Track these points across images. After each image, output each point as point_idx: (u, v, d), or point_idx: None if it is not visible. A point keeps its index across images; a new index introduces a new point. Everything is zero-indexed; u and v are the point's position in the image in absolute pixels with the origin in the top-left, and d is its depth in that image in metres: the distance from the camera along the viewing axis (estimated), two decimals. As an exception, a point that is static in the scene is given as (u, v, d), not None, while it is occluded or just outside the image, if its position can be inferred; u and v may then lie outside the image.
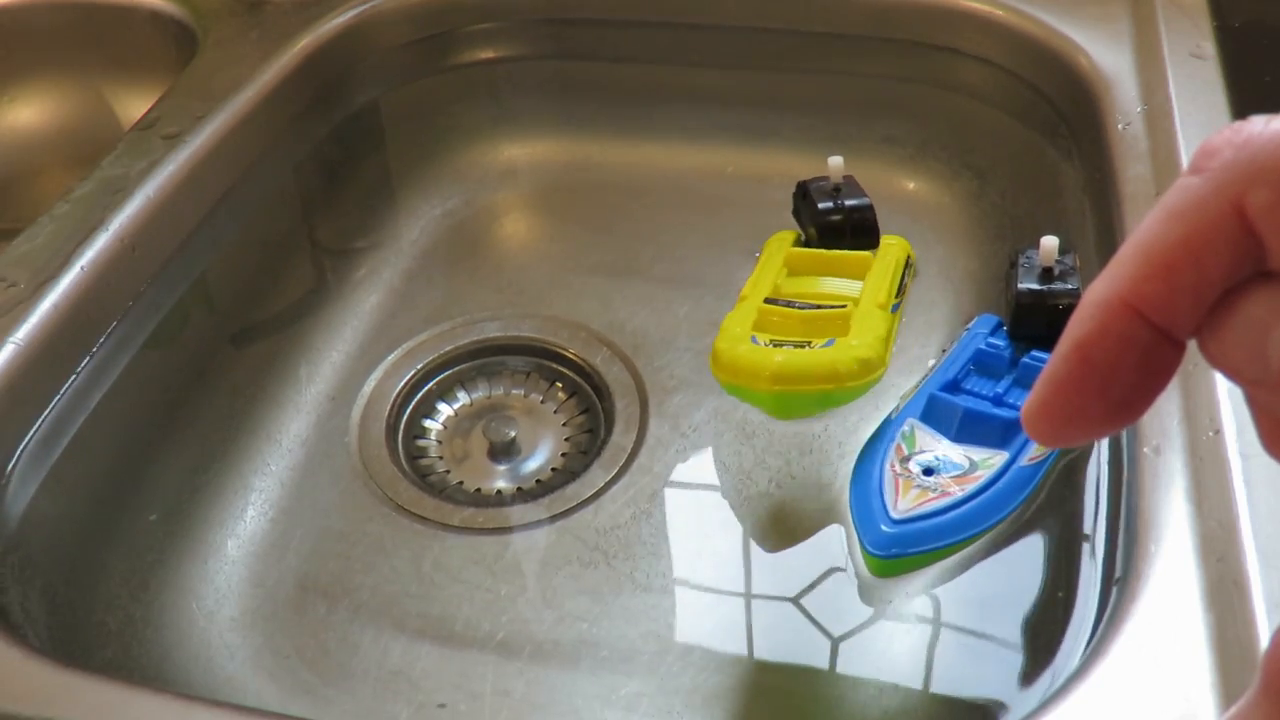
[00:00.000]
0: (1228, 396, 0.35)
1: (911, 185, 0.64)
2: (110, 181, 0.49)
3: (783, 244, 0.49)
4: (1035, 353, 0.41)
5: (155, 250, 0.49)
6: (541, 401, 0.56)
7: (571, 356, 0.57)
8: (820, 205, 0.48)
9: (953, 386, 0.42)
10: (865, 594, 0.45)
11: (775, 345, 0.40)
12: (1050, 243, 0.42)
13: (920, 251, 0.55)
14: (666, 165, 0.68)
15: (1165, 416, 0.35)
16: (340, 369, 0.57)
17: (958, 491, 0.38)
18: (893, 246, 0.48)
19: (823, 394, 0.40)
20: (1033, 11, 0.58)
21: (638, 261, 0.61)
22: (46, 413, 0.43)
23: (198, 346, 0.54)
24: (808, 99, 0.67)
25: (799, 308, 0.42)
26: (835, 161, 0.48)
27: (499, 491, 0.52)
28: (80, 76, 0.70)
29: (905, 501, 0.38)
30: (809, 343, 0.41)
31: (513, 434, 0.53)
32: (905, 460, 0.40)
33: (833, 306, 0.42)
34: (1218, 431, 0.34)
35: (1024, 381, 0.42)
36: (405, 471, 0.52)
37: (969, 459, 0.38)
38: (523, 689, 0.43)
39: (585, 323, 0.58)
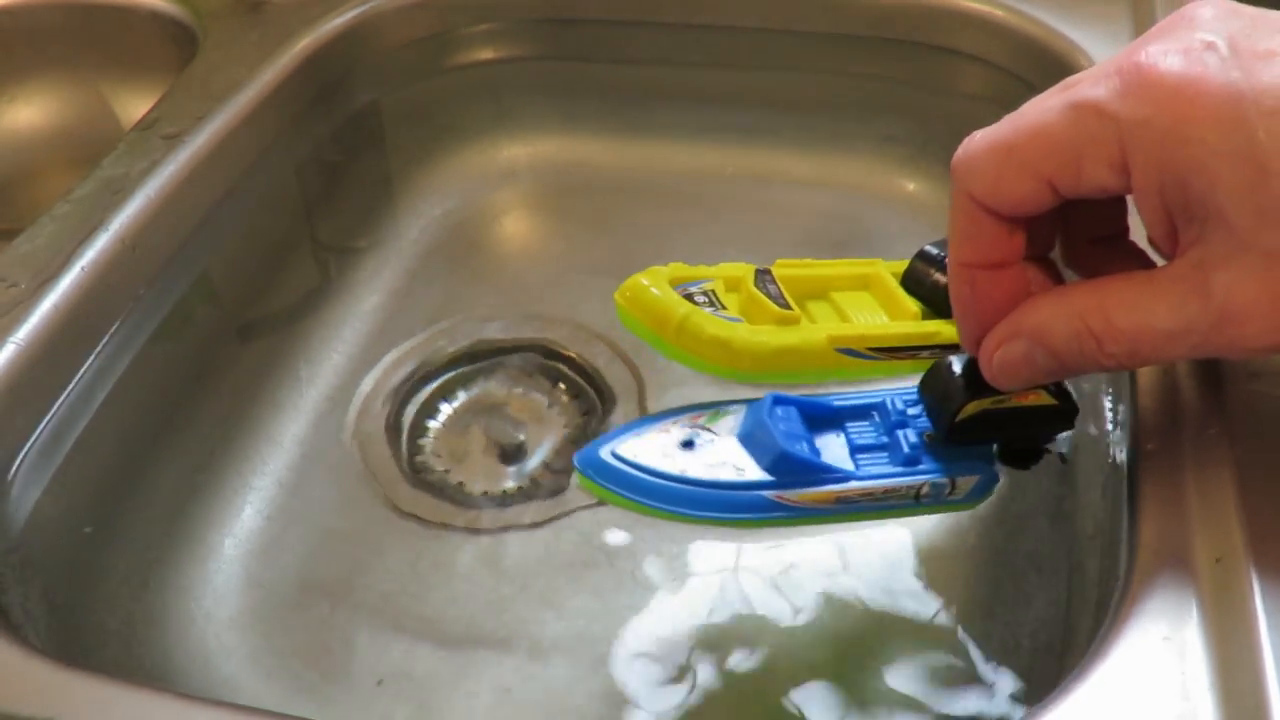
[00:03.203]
0: (1228, 397, 0.35)
1: (911, 185, 0.64)
2: (110, 181, 0.49)
3: (886, 267, 0.43)
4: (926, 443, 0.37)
5: (155, 250, 0.49)
6: (541, 401, 0.56)
7: (572, 356, 0.57)
8: (924, 248, 0.42)
9: (820, 417, 0.38)
10: (866, 594, 0.45)
11: (700, 295, 0.39)
12: None
13: (920, 251, 0.54)
14: (666, 165, 0.68)
15: (1165, 416, 0.35)
16: (340, 369, 0.57)
17: (694, 472, 0.36)
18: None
19: (654, 337, 0.38)
20: (1033, 11, 0.58)
21: (638, 261, 0.61)
22: (47, 413, 0.43)
23: (198, 346, 0.54)
24: (808, 99, 0.67)
25: (768, 292, 0.40)
26: None
27: (500, 491, 0.52)
28: (80, 76, 0.70)
29: (638, 449, 0.37)
30: (724, 309, 0.39)
31: (514, 434, 0.53)
32: (691, 426, 0.38)
33: (788, 307, 0.39)
34: (1217, 432, 0.34)
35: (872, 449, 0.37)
36: (405, 471, 0.52)
37: (734, 465, 0.36)
38: (523, 688, 0.43)
39: (585, 323, 0.58)
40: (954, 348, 0.39)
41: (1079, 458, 0.46)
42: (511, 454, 0.53)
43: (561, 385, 0.57)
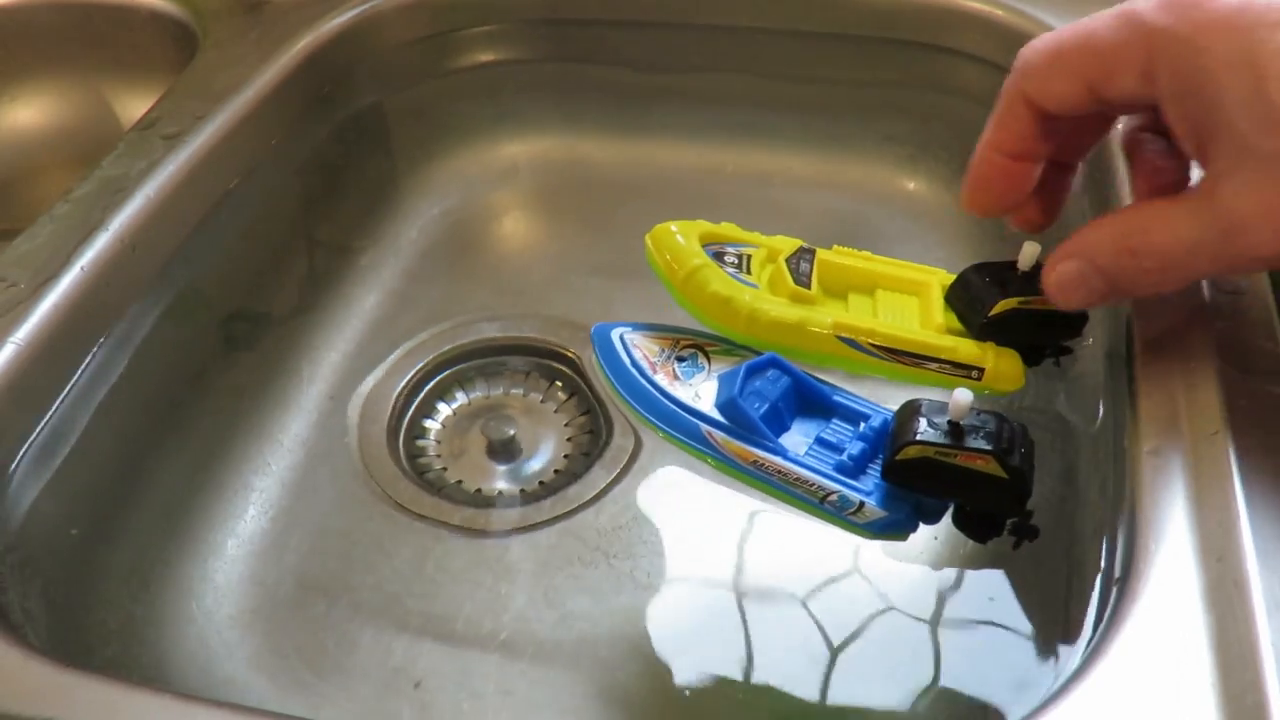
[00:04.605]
0: (1228, 397, 0.35)
1: (911, 185, 0.64)
2: (110, 181, 0.49)
3: (941, 278, 0.41)
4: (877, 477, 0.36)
5: (155, 250, 0.49)
6: (541, 401, 0.56)
7: (571, 356, 0.57)
8: (973, 266, 0.40)
9: (812, 400, 0.39)
10: (866, 595, 0.45)
11: (731, 257, 0.40)
12: (963, 397, 0.34)
13: (920, 252, 0.55)
14: (666, 165, 0.68)
15: (1165, 416, 0.35)
16: (340, 368, 0.57)
17: (660, 380, 0.39)
18: (983, 354, 0.38)
19: (668, 282, 0.40)
20: (1033, 11, 0.58)
21: (638, 261, 0.61)
22: (47, 413, 0.43)
23: (198, 346, 0.54)
24: (807, 99, 0.67)
25: (795, 269, 0.40)
26: (1030, 249, 0.38)
27: (500, 491, 0.52)
28: (80, 76, 0.70)
29: (640, 342, 0.40)
30: (747, 275, 0.40)
31: (513, 434, 0.53)
32: (698, 348, 0.40)
33: (807, 287, 0.39)
34: (1217, 431, 0.34)
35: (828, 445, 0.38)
36: (405, 471, 0.52)
37: (691, 387, 0.39)
38: (524, 688, 0.43)
39: (585, 323, 0.58)
40: (967, 369, 0.38)
41: (1079, 458, 0.46)
42: (510, 453, 0.53)
43: (559, 385, 0.57)
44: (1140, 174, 0.36)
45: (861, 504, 0.36)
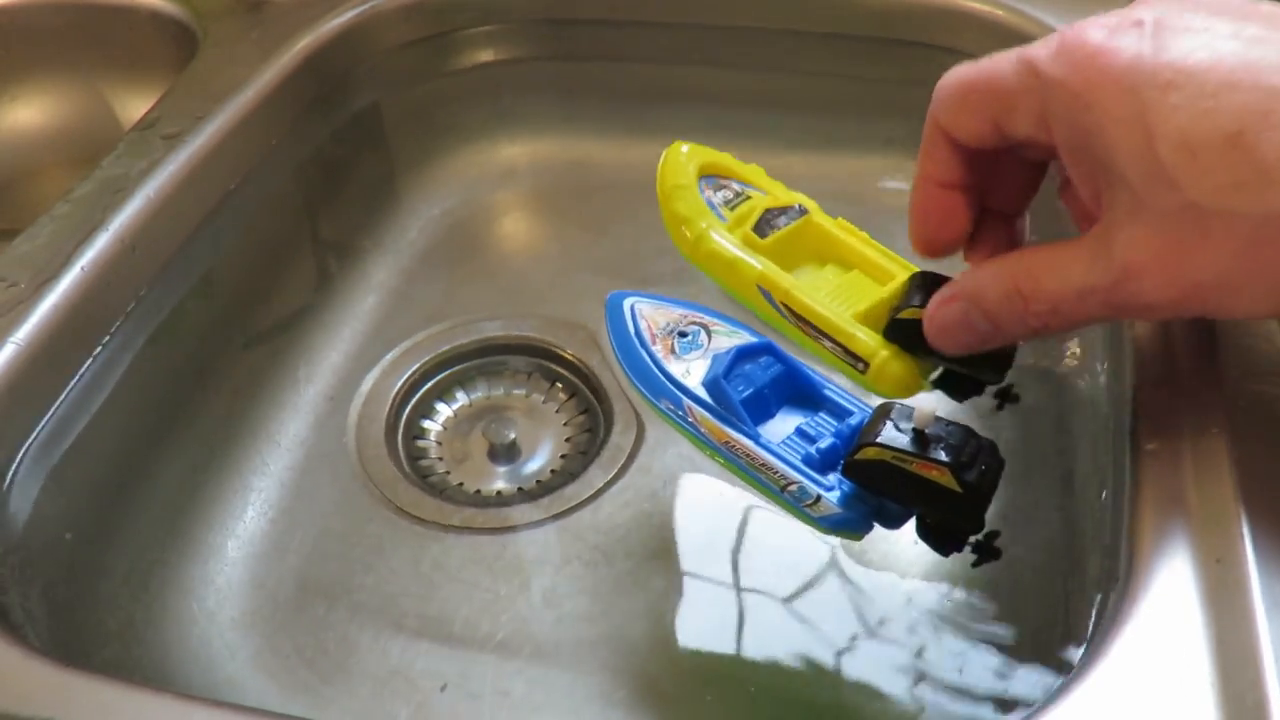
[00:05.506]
0: (1228, 397, 0.35)
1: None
2: (110, 181, 0.49)
3: (896, 281, 0.39)
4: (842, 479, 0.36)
5: (155, 250, 0.49)
6: (541, 402, 0.56)
7: (570, 357, 0.57)
8: (913, 275, 0.38)
9: (804, 391, 0.39)
10: (868, 593, 0.45)
11: (728, 192, 0.41)
12: (926, 405, 0.34)
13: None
14: (666, 165, 0.68)
15: (1165, 417, 0.35)
16: (340, 369, 0.57)
17: (657, 351, 0.40)
18: (875, 350, 0.37)
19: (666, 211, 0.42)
20: (1033, 12, 0.58)
21: (637, 261, 0.61)
22: (47, 413, 0.43)
23: (198, 347, 0.54)
24: (808, 99, 0.67)
25: (768, 217, 0.40)
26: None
27: (498, 492, 0.52)
28: (80, 76, 0.70)
29: (649, 313, 0.42)
30: (725, 211, 0.41)
31: (512, 434, 0.53)
32: (702, 325, 0.41)
33: (764, 237, 0.39)
34: (1217, 432, 0.34)
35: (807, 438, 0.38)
36: (405, 472, 0.52)
37: (684, 363, 0.40)
38: (522, 689, 0.43)
39: (585, 323, 0.58)
40: (854, 358, 0.37)
41: (1079, 458, 0.46)
42: (510, 454, 0.53)
43: (559, 385, 0.57)
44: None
45: (819, 497, 0.36)
